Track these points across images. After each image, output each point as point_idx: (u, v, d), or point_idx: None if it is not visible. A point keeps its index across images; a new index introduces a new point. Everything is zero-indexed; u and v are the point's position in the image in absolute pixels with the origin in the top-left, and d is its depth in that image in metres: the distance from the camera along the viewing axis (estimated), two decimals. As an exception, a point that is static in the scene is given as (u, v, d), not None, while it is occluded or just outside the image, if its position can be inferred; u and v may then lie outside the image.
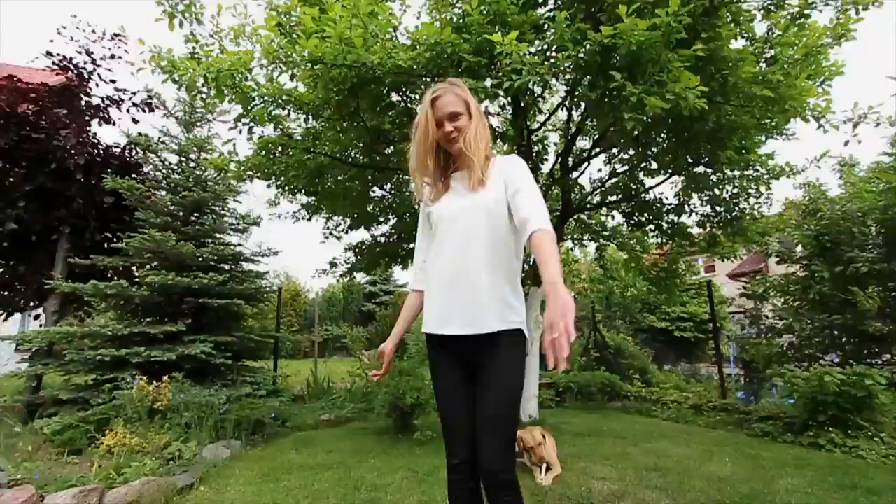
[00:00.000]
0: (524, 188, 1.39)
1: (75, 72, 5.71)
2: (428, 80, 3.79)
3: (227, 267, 5.78)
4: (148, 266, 5.21)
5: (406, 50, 3.11)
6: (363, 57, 2.96)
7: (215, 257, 5.39)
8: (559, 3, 3.65)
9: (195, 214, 5.63)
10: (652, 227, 6.03)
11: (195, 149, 5.81)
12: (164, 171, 5.75)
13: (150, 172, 5.81)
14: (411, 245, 6.46)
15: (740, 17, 3.45)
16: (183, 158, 5.79)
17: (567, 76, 3.17)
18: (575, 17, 2.99)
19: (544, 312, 1.05)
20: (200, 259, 5.24)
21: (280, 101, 3.67)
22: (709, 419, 5.33)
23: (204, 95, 3.60)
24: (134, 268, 5.70)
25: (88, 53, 5.78)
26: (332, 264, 7.03)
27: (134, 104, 6.05)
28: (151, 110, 6.18)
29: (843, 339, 4.95)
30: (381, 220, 6.41)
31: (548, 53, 3.70)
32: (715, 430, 4.87)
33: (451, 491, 1.45)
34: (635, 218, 6.04)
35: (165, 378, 4.09)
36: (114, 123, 5.94)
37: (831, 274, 4.71)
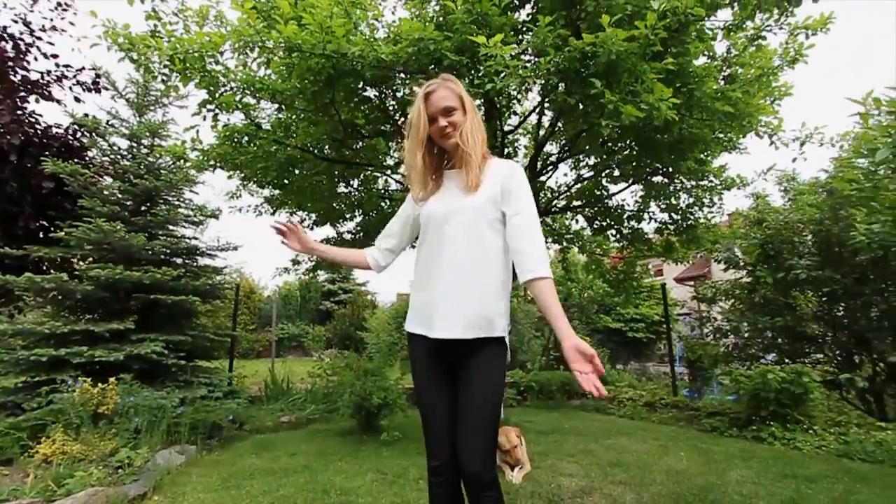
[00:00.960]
0: (525, 211, 1.36)
1: (10, 43, 5.17)
2: (405, 76, 3.74)
3: (180, 261, 5.43)
4: (91, 258, 4.79)
5: (388, 43, 3.05)
6: (344, 47, 2.87)
7: (168, 250, 5.04)
8: (538, 6, 3.72)
9: (147, 204, 5.25)
10: (613, 231, 6.27)
11: (148, 134, 5.40)
12: (113, 156, 5.30)
13: (96, 157, 5.36)
14: (379, 243, 6.36)
15: (704, 35, 3.66)
16: (134, 144, 5.36)
17: (546, 80, 3.22)
18: (556, 23, 3.05)
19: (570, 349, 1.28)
20: (151, 252, 4.88)
21: (251, 88, 3.49)
22: (661, 416, 5.61)
23: (164, 77, 3.35)
24: (75, 260, 5.24)
25: (26, 23, 5.26)
26: (295, 262, 6.80)
27: (79, 82, 5.57)
28: (98, 91, 5.71)
29: (781, 340, 5.36)
30: (348, 216, 6.27)
31: (524, 57, 3.76)
32: (668, 426, 5.12)
33: (432, 492, 1.42)
34: (598, 222, 6.26)
35: (112, 380, 3.79)
36: (59, 102, 5.43)
37: (774, 280, 5.08)
